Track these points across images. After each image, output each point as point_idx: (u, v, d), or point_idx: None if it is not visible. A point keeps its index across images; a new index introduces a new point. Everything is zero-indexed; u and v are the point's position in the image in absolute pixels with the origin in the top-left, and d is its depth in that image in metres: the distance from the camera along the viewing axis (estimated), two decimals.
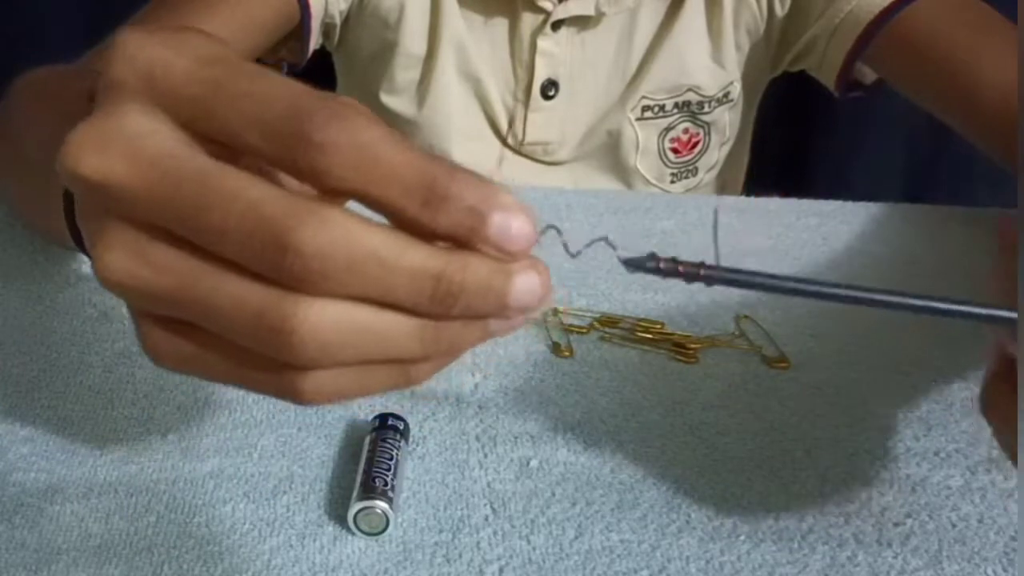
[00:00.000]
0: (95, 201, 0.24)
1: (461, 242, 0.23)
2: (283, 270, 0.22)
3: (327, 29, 0.75)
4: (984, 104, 0.62)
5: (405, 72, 0.74)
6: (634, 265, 0.29)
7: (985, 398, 0.32)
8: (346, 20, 0.75)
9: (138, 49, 0.24)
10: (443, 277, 0.23)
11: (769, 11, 0.73)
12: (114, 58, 0.25)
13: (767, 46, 0.76)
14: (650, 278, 0.55)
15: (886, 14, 0.68)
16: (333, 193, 0.23)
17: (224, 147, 0.24)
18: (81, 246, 0.34)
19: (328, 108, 0.22)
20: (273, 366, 0.23)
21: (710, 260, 0.31)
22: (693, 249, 0.58)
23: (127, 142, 0.23)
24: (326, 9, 0.72)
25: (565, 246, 0.28)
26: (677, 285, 0.53)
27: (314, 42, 0.73)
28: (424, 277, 0.22)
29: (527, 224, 0.23)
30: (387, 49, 0.74)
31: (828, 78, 0.75)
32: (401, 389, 0.25)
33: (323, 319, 0.22)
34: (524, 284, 0.24)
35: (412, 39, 0.73)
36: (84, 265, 0.54)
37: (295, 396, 0.24)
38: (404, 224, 0.23)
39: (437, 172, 0.22)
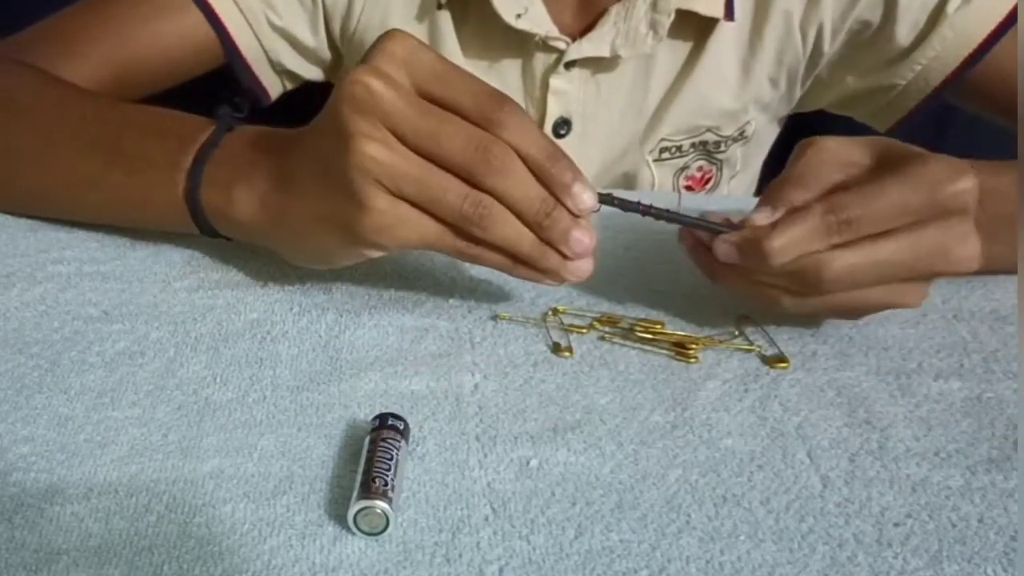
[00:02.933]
0: (356, 106, 0.41)
1: (558, 193, 0.43)
2: (482, 167, 0.42)
3: (290, 76, 0.75)
4: None
5: None
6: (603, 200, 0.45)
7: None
8: (337, 53, 0.75)
9: (407, 38, 0.43)
10: (548, 201, 0.43)
11: (815, 48, 0.71)
12: (391, 37, 0.43)
13: (801, 84, 0.74)
14: (650, 278, 0.55)
15: (975, 57, 0.67)
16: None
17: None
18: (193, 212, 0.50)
19: (511, 100, 0.42)
20: (459, 215, 0.42)
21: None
22: None
23: (395, 83, 0.42)
24: (268, 57, 0.72)
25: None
26: (677, 285, 0.53)
27: (272, 85, 0.75)
28: (541, 199, 0.43)
29: (592, 197, 0.43)
30: None
31: (884, 122, 0.74)
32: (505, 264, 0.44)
33: (498, 192, 0.42)
34: (580, 234, 0.44)
35: None
36: (85, 265, 0.54)
37: (477, 218, 0.42)
38: (537, 171, 0.42)
39: (557, 148, 0.43)
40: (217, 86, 0.71)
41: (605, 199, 0.45)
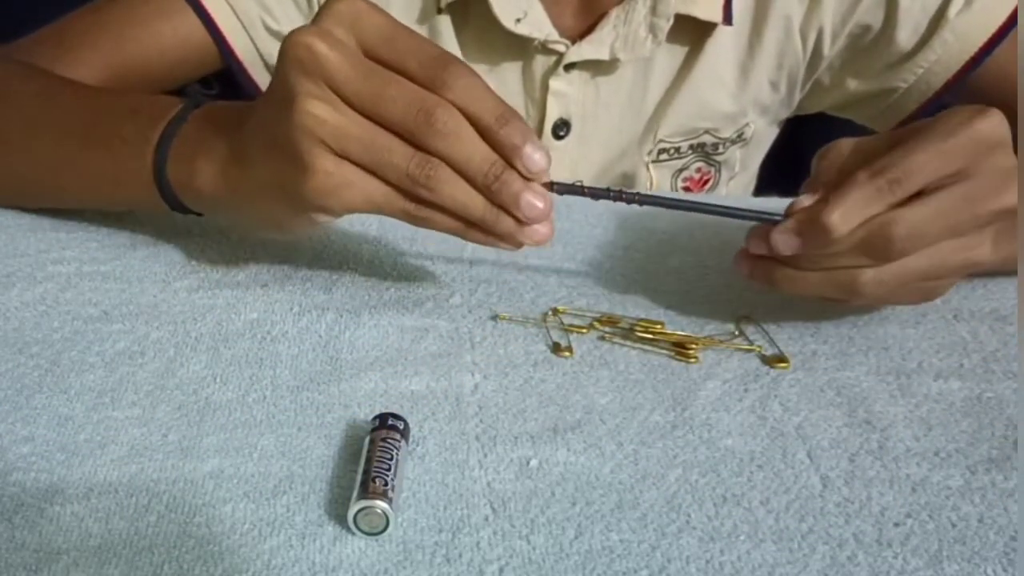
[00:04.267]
0: (300, 76, 0.41)
1: (508, 155, 0.42)
2: (426, 131, 0.41)
3: None
4: None
5: None
6: (564, 189, 0.45)
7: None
8: None
9: (355, 2, 0.42)
10: (496, 164, 0.42)
11: (814, 51, 0.71)
12: (335, 1, 0.42)
13: (801, 87, 0.74)
14: (650, 278, 0.55)
15: (977, 60, 0.67)
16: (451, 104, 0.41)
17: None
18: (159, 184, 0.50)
19: (460, 61, 0.42)
20: (404, 179, 0.42)
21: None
22: (695, 248, 0.59)
23: (339, 44, 0.41)
24: (264, 61, 0.72)
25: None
26: (677, 285, 0.53)
27: (266, 86, 0.74)
28: (489, 161, 0.42)
29: (544, 158, 0.43)
30: None
31: (884, 125, 0.74)
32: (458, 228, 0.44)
33: (444, 155, 0.42)
34: (532, 197, 0.43)
35: None
36: (85, 265, 0.54)
37: (424, 179, 0.42)
38: (485, 133, 0.42)
39: (507, 109, 0.42)
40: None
41: (575, 189, 0.45)
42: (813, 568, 0.35)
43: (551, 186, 0.44)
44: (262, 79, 0.73)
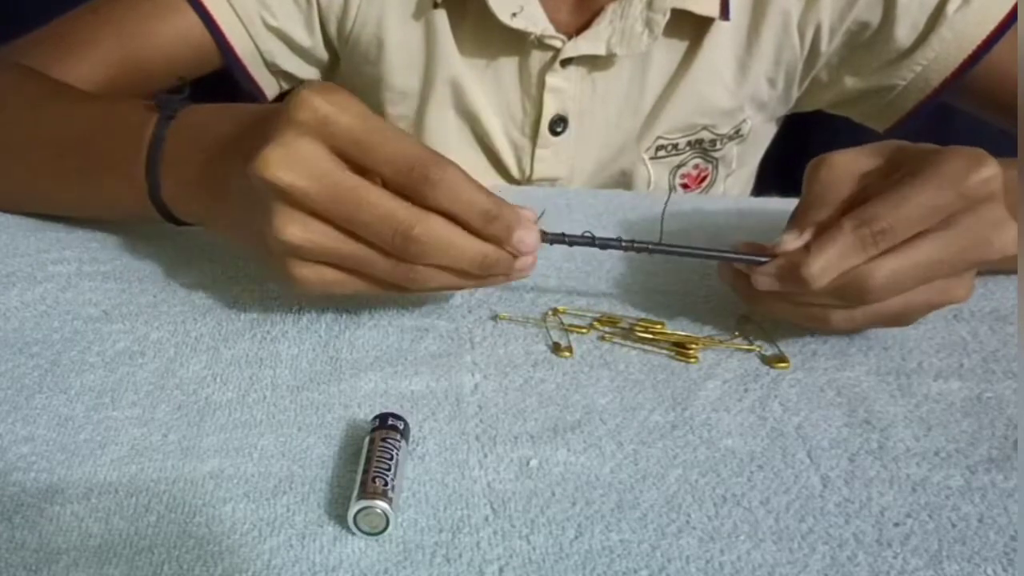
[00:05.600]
0: (270, 195, 0.40)
1: (498, 245, 0.42)
2: (405, 251, 0.40)
3: (286, 76, 0.75)
4: None
5: (394, 108, 0.74)
6: (551, 239, 0.45)
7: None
8: (333, 53, 0.75)
9: (319, 103, 0.40)
10: (488, 256, 0.42)
11: (812, 48, 0.71)
12: (298, 105, 0.40)
13: (798, 84, 0.74)
14: (650, 278, 0.55)
15: (975, 58, 0.67)
16: (432, 210, 0.41)
17: (361, 171, 0.40)
18: (155, 202, 0.50)
19: (438, 160, 0.40)
20: (387, 279, 0.42)
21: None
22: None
23: (306, 162, 0.40)
24: (263, 58, 0.72)
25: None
26: (677, 285, 0.53)
27: (268, 86, 0.75)
28: (478, 259, 0.42)
29: (533, 236, 0.43)
30: (373, 84, 0.73)
31: (882, 123, 0.74)
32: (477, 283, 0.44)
33: (421, 273, 0.42)
34: (524, 261, 0.43)
35: (398, 75, 0.72)
36: (85, 265, 0.54)
37: (407, 282, 0.42)
38: (473, 230, 0.41)
39: (492, 204, 0.41)
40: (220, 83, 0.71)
41: (555, 239, 0.45)
42: (813, 568, 0.35)
43: (545, 236, 0.44)
44: (261, 76, 0.73)
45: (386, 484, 0.36)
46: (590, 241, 0.45)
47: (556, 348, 0.47)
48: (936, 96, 0.70)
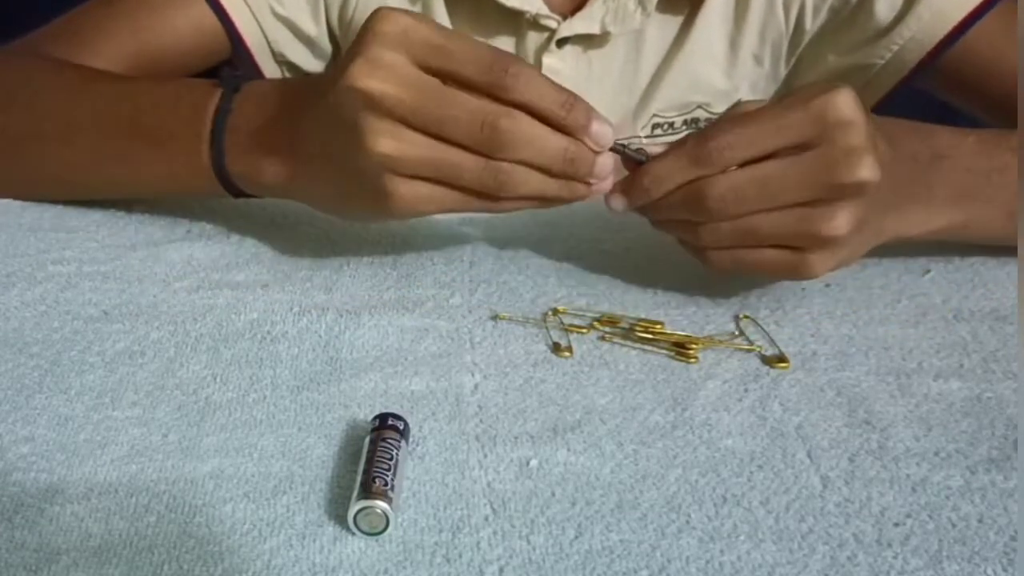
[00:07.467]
0: (358, 105, 0.42)
1: (577, 136, 0.44)
2: (493, 144, 0.42)
3: (290, 67, 0.75)
4: None
5: None
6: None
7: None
8: (334, 43, 0.75)
9: (398, 17, 0.42)
10: (569, 149, 0.44)
11: (797, 25, 0.71)
12: (380, 19, 0.42)
13: (785, 62, 0.74)
14: (650, 278, 0.55)
15: (951, 39, 0.67)
16: (513, 104, 0.42)
17: (441, 77, 0.43)
18: (221, 176, 0.52)
19: (515, 58, 0.43)
20: (477, 186, 0.44)
21: None
22: None
23: (393, 70, 0.42)
24: (270, 48, 0.72)
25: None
26: (677, 285, 0.53)
27: (270, 73, 0.75)
28: (560, 151, 0.44)
29: (608, 128, 0.44)
30: None
31: (864, 103, 0.74)
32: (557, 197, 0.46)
33: (517, 161, 0.44)
34: (601, 165, 0.45)
35: None
36: (85, 265, 0.54)
37: (497, 185, 0.44)
38: (552, 122, 0.43)
39: (569, 94, 0.43)
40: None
41: (616, 148, 0.46)
42: (813, 568, 0.35)
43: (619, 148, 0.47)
44: (267, 67, 0.74)
45: (386, 484, 0.36)
46: (642, 160, 0.47)
47: (556, 348, 0.47)
48: (913, 78, 0.70)
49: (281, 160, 0.49)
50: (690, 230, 0.47)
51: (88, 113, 0.56)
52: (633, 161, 0.47)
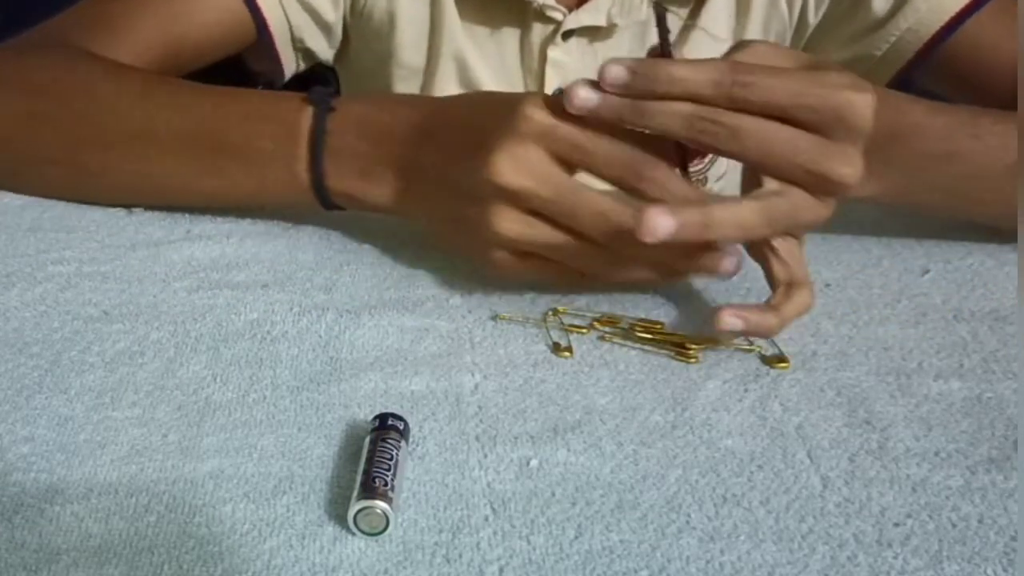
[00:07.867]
0: (494, 193, 0.45)
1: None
2: (620, 246, 0.45)
3: (306, 54, 0.75)
4: None
5: (404, 84, 0.74)
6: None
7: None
8: (345, 31, 0.75)
9: (540, 115, 0.45)
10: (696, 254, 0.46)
11: (800, 18, 0.71)
12: (528, 114, 0.45)
13: None
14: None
15: (947, 30, 0.67)
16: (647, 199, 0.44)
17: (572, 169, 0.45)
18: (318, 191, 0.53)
19: (648, 159, 0.44)
20: (589, 269, 0.48)
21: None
22: None
23: (533, 167, 0.45)
24: (291, 34, 0.72)
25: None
26: (677, 285, 0.53)
27: (288, 63, 0.75)
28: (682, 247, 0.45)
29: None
30: (383, 61, 0.74)
31: None
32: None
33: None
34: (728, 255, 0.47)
35: (407, 51, 0.73)
36: (85, 265, 0.54)
37: (610, 272, 0.48)
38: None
39: (698, 195, 0.44)
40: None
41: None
42: (813, 568, 0.35)
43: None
44: (285, 53, 0.73)
45: (386, 484, 0.36)
46: None
47: (556, 348, 0.47)
48: (910, 70, 0.70)
49: (389, 188, 0.51)
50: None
51: (163, 126, 0.55)
52: (658, 52, 0.48)
